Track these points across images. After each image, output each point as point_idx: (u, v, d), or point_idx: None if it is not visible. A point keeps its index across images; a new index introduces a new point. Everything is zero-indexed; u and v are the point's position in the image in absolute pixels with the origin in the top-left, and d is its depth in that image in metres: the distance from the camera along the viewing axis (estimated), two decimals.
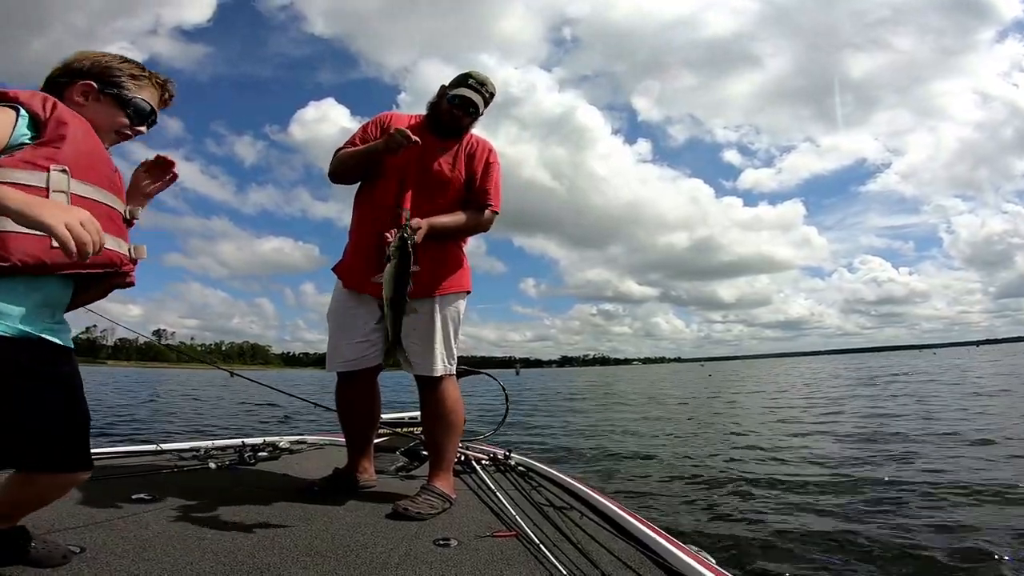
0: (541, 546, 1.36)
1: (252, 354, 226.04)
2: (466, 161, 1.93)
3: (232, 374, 3.31)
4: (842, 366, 42.76)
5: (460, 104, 1.87)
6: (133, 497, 1.66)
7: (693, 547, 1.44)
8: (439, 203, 1.87)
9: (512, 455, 2.38)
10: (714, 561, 1.38)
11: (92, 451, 1.15)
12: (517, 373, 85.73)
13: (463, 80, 1.89)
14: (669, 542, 1.41)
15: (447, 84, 1.92)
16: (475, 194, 1.93)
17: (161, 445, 2.57)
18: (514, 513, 1.64)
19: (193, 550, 1.25)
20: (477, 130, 2.00)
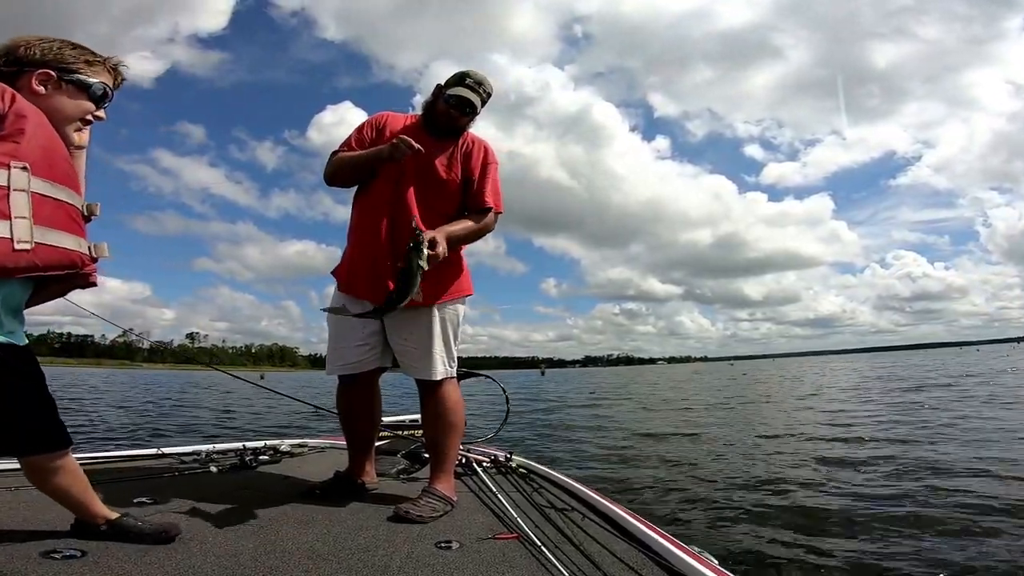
0: (543, 548, 1.36)
1: (280, 356, 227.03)
2: (463, 161, 1.91)
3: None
4: (884, 365, 39.64)
5: (457, 104, 1.85)
6: (134, 501, 1.66)
7: (695, 548, 1.44)
8: (436, 204, 1.86)
9: (513, 457, 2.38)
10: (716, 562, 1.38)
11: (94, 455, 1.18)
12: (543, 373, 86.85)
13: (460, 79, 1.87)
14: (671, 543, 1.41)
15: (443, 83, 1.90)
16: (475, 196, 1.92)
17: (162, 449, 2.57)
18: (515, 515, 1.63)
19: (195, 553, 1.25)
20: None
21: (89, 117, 1.20)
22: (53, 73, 1.13)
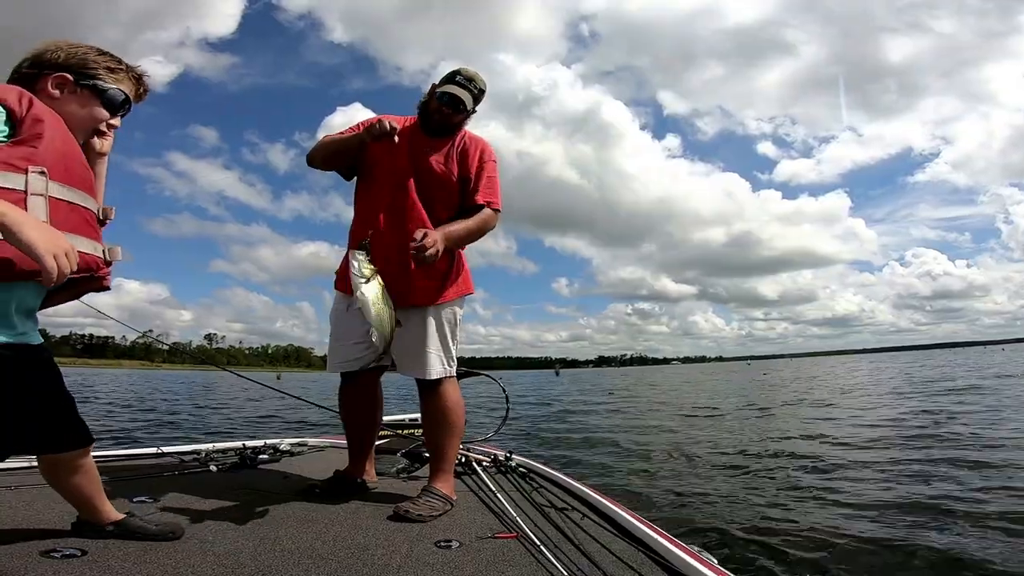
0: (542, 547, 1.36)
1: (296, 357, 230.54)
2: (459, 159, 1.91)
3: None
4: (912, 364, 37.79)
5: (449, 102, 1.85)
6: (134, 500, 1.66)
7: (695, 547, 1.44)
8: (435, 202, 1.86)
9: (513, 456, 2.38)
10: (716, 561, 1.38)
11: (95, 454, 1.18)
12: (557, 373, 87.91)
13: (451, 77, 1.87)
14: (670, 542, 1.41)
15: (437, 82, 1.91)
16: (469, 194, 1.91)
17: (162, 448, 2.58)
18: (515, 514, 1.64)
19: (195, 552, 1.25)
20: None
21: (102, 127, 1.20)
22: (70, 77, 1.13)
